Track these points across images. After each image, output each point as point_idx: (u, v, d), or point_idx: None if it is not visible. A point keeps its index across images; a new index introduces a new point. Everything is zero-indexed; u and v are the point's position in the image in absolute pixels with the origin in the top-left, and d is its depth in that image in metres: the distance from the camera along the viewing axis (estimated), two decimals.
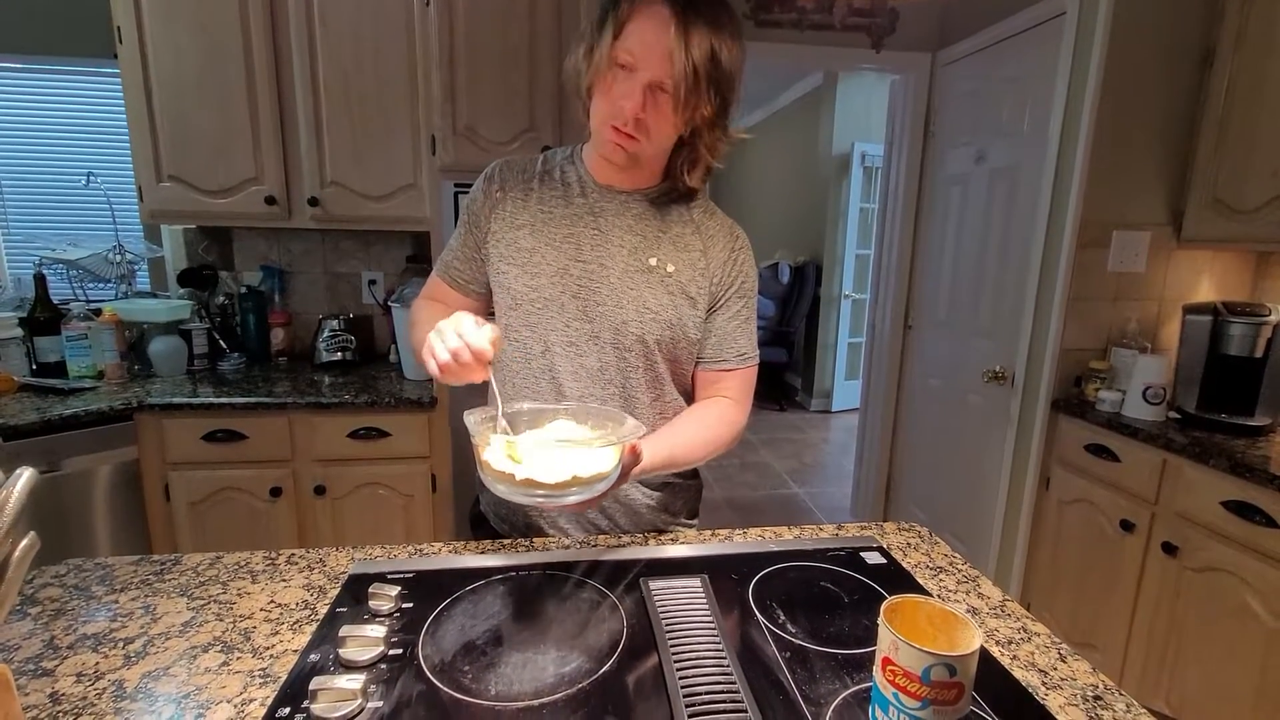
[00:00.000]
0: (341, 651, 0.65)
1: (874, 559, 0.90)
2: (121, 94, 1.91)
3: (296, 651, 0.68)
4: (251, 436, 1.84)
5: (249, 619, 0.74)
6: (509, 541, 0.94)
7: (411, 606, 0.75)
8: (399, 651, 0.67)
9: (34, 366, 1.93)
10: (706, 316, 0.97)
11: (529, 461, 0.72)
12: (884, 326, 3.02)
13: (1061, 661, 0.71)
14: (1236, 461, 1.52)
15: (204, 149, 1.97)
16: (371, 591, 0.74)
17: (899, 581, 0.85)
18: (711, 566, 0.86)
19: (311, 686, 0.58)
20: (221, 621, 0.74)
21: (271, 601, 0.78)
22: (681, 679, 0.63)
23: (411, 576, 0.81)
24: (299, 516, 1.91)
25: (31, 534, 0.51)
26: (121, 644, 0.69)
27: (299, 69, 1.96)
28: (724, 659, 0.66)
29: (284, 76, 1.97)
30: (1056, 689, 0.67)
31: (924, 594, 0.79)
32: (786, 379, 5.55)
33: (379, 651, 0.66)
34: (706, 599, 0.77)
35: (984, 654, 0.69)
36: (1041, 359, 2.13)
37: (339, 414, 1.87)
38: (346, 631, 0.66)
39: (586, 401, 0.94)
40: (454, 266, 1.02)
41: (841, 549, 0.93)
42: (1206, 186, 1.89)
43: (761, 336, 1.09)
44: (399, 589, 0.75)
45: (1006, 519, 2.30)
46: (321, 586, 0.81)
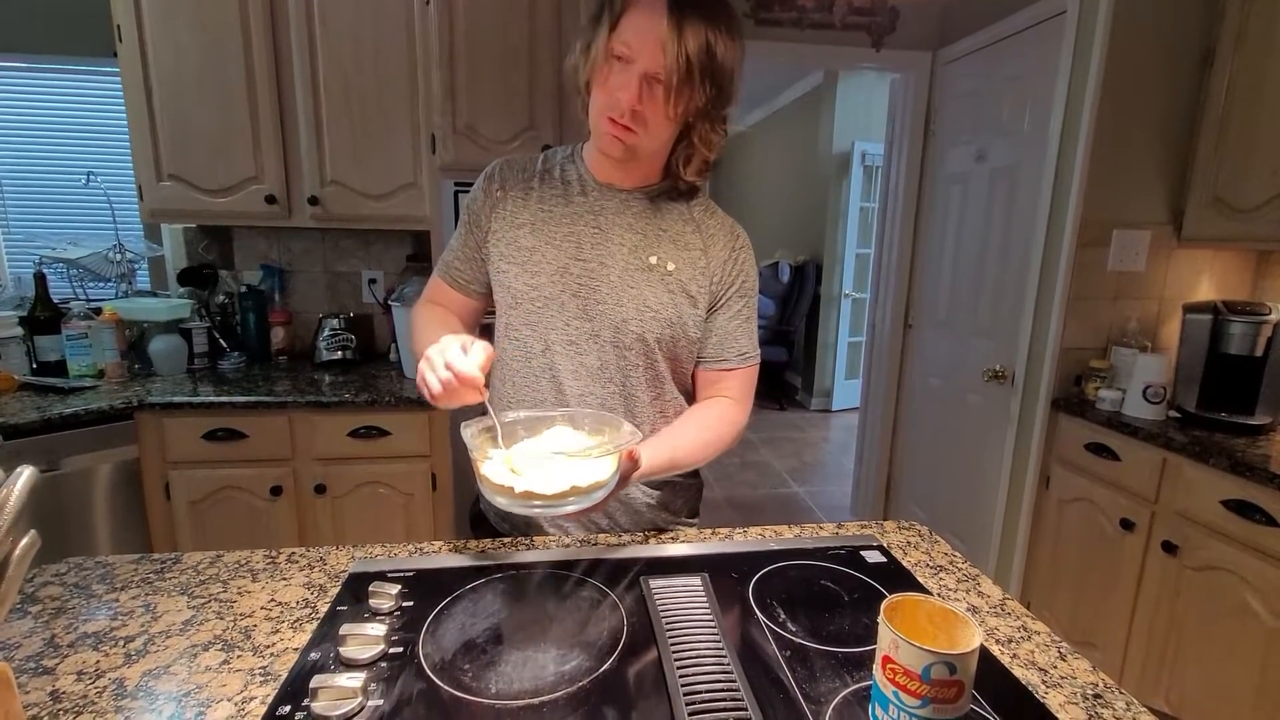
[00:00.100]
0: (342, 650, 0.65)
1: (874, 558, 0.90)
2: (121, 93, 1.91)
3: (297, 650, 0.68)
4: (252, 435, 1.84)
5: (249, 617, 0.74)
6: (509, 540, 0.94)
7: (412, 605, 0.75)
8: (399, 650, 0.67)
9: (34, 365, 1.93)
10: (707, 316, 0.97)
11: (527, 474, 0.73)
12: (884, 326, 3.02)
13: (1061, 660, 0.71)
14: (1236, 460, 1.52)
15: (204, 148, 1.97)
16: (372, 590, 0.74)
17: (899, 580, 0.85)
18: (712, 565, 0.86)
19: (312, 685, 0.58)
20: (222, 620, 0.74)
21: (272, 600, 0.78)
22: (682, 677, 0.63)
23: (412, 575, 0.81)
24: (299, 515, 1.91)
25: (32, 532, 0.52)
26: (122, 642, 0.70)
27: (299, 68, 1.96)
28: (724, 657, 0.66)
29: (284, 75, 1.97)
30: (1056, 687, 0.67)
31: (924, 592, 0.79)
32: (787, 378, 5.55)
33: (379, 650, 0.66)
34: (707, 597, 0.77)
35: (984, 652, 0.69)
36: (1042, 358, 2.13)
37: (339, 413, 1.87)
38: (347, 630, 0.66)
39: (586, 400, 0.94)
40: (454, 267, 1.02)
41: (842, 548, 0.93)
42: (1207, 185, 1.89)
43: (762, 336, 1.09)
44: (399, 587, 0.75)
45: (1006, 518, 2.30)
46: (322, 585, 0.81)
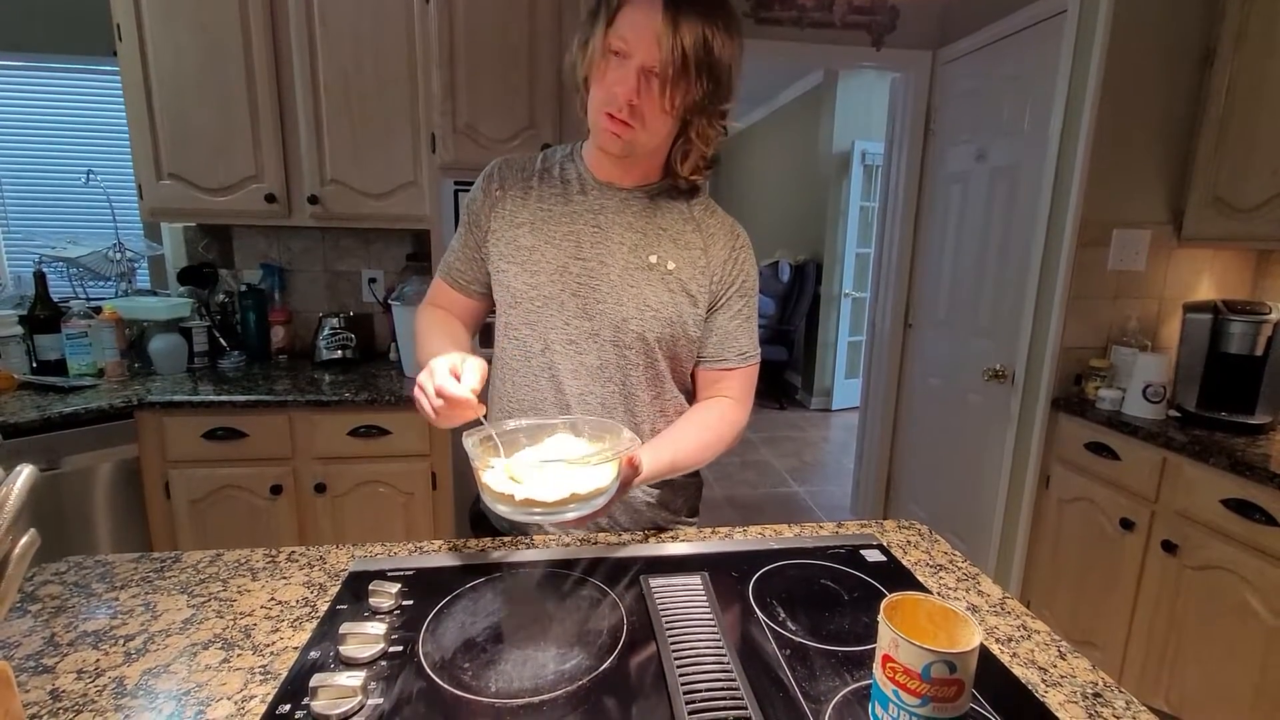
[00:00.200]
0: (342, 649, 0.65)
1: (874, 557, 0.90)
2: (121, 92, 1.91)
3: (297, 649, 0.68)
4: (252, 434, 1.84)
5: (249, 616, 0.75)
6: (509, 539, 0.94)
7: (412, 604, 0.75)
8: (399, 649, 0.67)
9: (34, 364, 1.93)
10: (707, 315, 0.97)
11: (528, 481, 0.74)
12: (884, 325, 3.02)
13: (1061, 659, 0.71)
14: (1236, 460, 1.52)
15: (204, 147, 1.97)
16: (372, 589, 0.74)
17: (899, 579, 0.85)
18: (712, 564, 0.86)
19: (312, 683, 0.58)
20: (222, 619, 0.74)
21: (272, 599, 0.78)
22: (682, 676, 0.63)
23: (412, 574, 0.81)
24: (299, 514, 1.91)
25: (32, 531, 0.51)
26: (122, 641, 0.70)
27: (299, 67, 1.96)
28: (724, 656, 0.66)
29: (284, 74, 1.97)
30: (1056, 686, 0.67)
31: (924, 591, 0.79)
32: (787, 377, 5.55)
33: (379, 649, 0.66)
34: (707, 596, 0.77)
35: (984, 651, 0.69)
36: (1042, 357, 2.13)
37: (339, 412, 1.87)
38: (347, 629, 0.66)
39: (586, 399, 0.94)
40: (455, 267, 1.02)
41: (841, 547, 0.93)
42: (1207, 185, 1.89)
43: (762, 335, 1.09)
44: (399, 586, 0.75)
45: (1006, 517, 2.30)
46: (322, 584, 0.81)
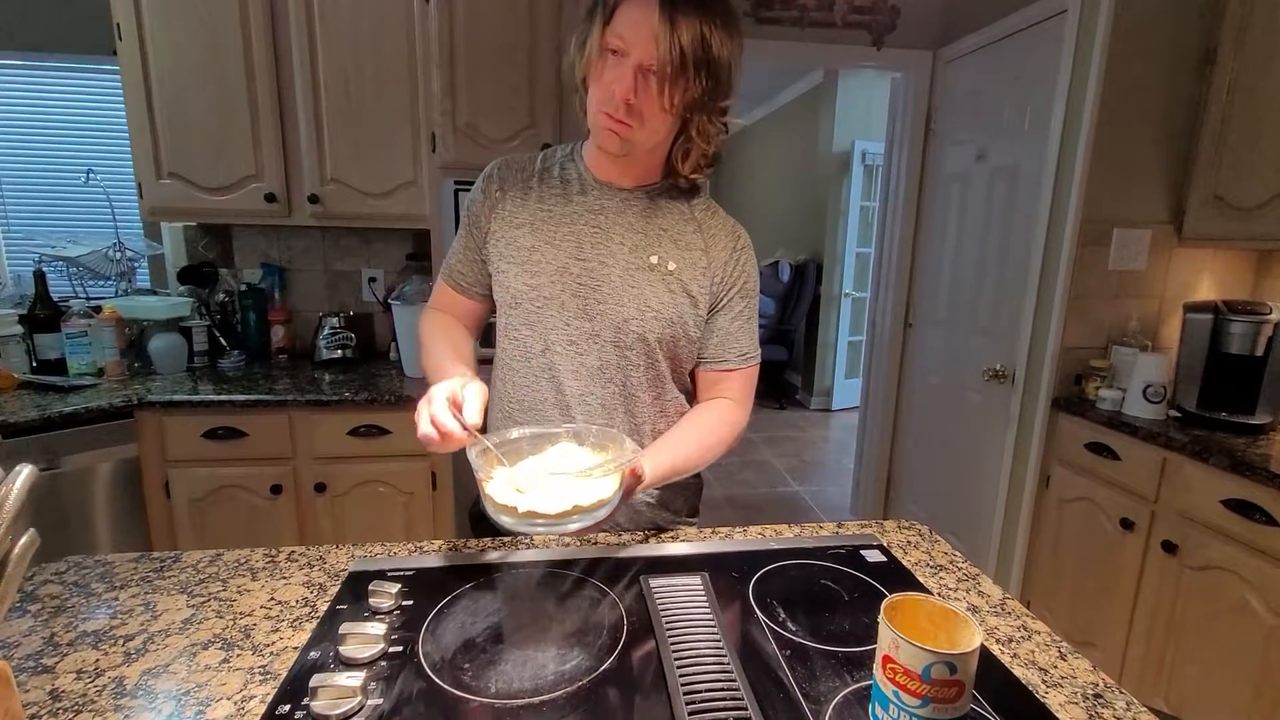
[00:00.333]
0: (342, 649, 0.65)
1: (874, 557, 0.90)
2: (121, 91, 1.91)
3: (297, 649, 0.68)
4: (252, 434, 1.84)
5: (249, 616, 0.74)
6: (509, 539, 0.94)
7: (411, 604, 0.75)
8: (399, 649, 0.67)
9: (34, 364, 1.93)
10: (708, 316, 0.97)
11: (530, 493, 0.73)
12: (884, 325, 3.02)
13: (1061, 659, 0.71)
14: (1237, 460, 1.52)
15: (204, 146, 1.96)
16: (372, 589, 0.74)
17: (899, 579, 0.85)
18: (712, 564, 0.86)
19: (311, 684, 0.58)
20: (222, 619, 0.74)
21: (272, 599, 0.78)
22: (682, 676, 0.63)
23: (411, 574, 0.81)
24: (299, 514, 1.91)
25: (31, 531, 0.51)
26: (122, 641, 0.69)
27: (299, 66, 1.96)
28: (724, 657, 0.66)
29: (284, 74, 1.97)
30: (1056, 687, 0.67)
31: (924, 592, 0.79)
32: (787, 377, 5.55)
33: (379, 649, 0.66)
34: (707, 597, 0.77)
35: (984, 652, 0.69)
36: (1042, 357, 2.13)
37: (339, 411, 1.87)
38: (347, 629, 0.66)
39: (586, 400, 0.94)
40: (456, 270, 1.02)
41: (842, 547, 0.93)
42: (1207, 184, 1.88)
43: (762, 335, 1.09)
44: (399, 586, 0.75)
45: (1007, 517, 2.30)
46: (322, 584, 0.81)
